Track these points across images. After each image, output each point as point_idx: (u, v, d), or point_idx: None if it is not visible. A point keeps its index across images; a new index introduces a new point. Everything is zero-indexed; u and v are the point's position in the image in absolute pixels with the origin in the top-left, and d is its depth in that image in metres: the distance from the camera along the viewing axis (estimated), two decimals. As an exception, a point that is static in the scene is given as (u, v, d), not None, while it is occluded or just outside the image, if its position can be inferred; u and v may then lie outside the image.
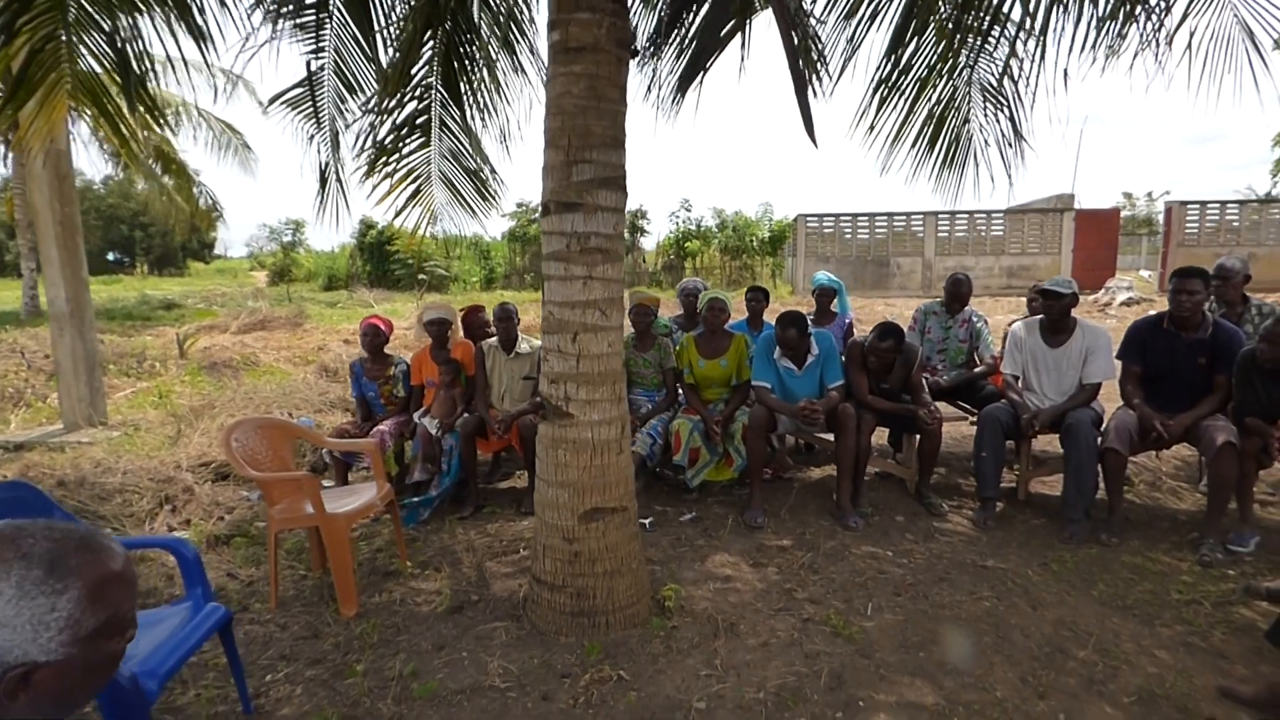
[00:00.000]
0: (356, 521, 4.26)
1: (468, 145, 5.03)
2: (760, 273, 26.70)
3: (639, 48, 3.32)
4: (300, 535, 4.17)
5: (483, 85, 4.81)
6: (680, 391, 5.15)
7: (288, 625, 3.35)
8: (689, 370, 4.96)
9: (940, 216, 22.21)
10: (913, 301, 5.26)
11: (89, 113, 4.99)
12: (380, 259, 28.81)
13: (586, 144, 2.93)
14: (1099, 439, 4.18)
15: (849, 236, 22.76)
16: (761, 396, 4.59)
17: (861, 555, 3.94)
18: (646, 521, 4.42)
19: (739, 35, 4.15)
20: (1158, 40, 3.64)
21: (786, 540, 4.16)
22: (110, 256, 45.94)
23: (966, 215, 22.21)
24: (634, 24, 3.32)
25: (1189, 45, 3.62)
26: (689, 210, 27.74)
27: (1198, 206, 21.41)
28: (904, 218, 22.53)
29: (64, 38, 3.56)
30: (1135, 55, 3.72)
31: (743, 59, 4.32)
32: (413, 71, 4.47)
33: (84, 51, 4.23)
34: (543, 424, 3.19)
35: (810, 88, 2.72)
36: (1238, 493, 4.01)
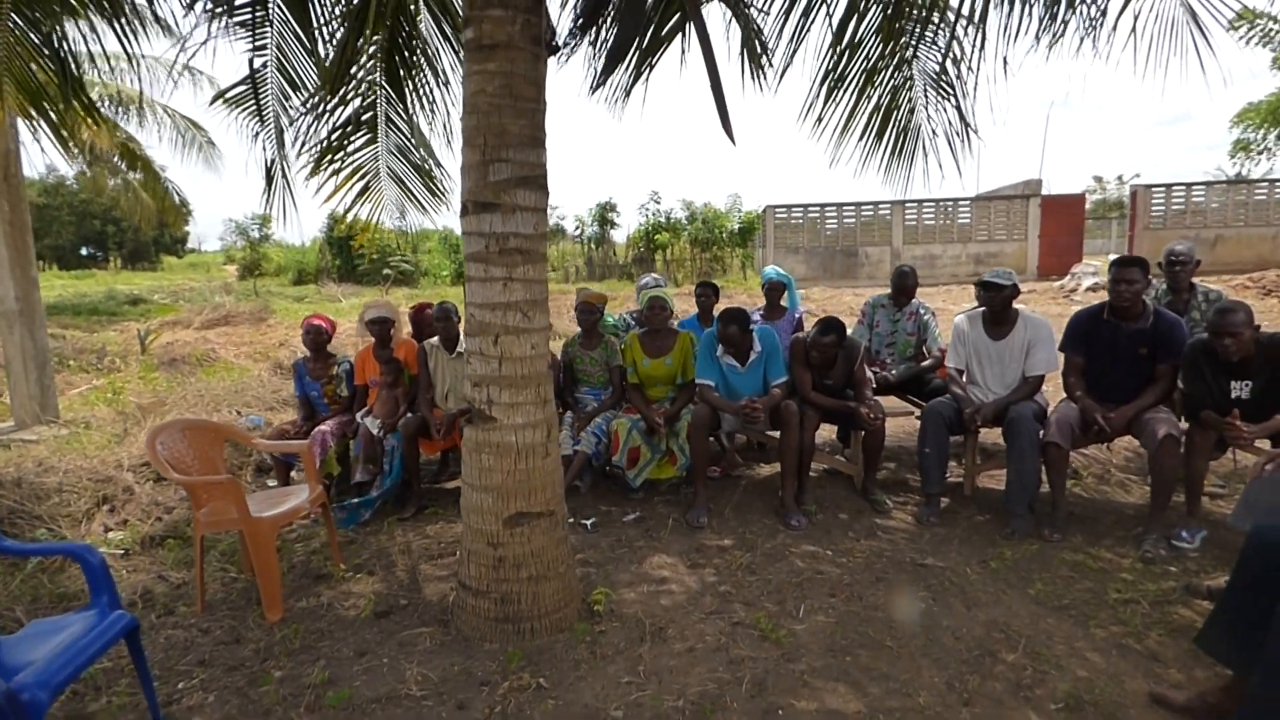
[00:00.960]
0: (286, 524, 4.19)
1: (414, 141, 4.95)
2: (730, 264, 26.53)
3: (558, 45, 3.23)
4: (234, 537, 4.09)
5: (425, 82, 4.73)
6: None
7: (210, 630, 3.29)
8: (633, 369, 4.91)
9: (908, 205, 22.16)
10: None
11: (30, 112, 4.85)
12: (349, 253, 28.52)
13: (503, 143, 2.86)
14: (1041, 432, 4.16)
15: (818, 227, 22.69)
16: (704, 395, 4.54)
17: (801, 555, 3.91)
18: (589, 522, 4.37)
19: (679, 33, 4.10)
20: (1099, 26, 3.61)
21: (728, 540, 4.12)
22: (84, 251, 45.38)
23: (934, 203, 22.18)
24: (554, 20, 3.23)
25: (1133, 30, 3.57)
26: (658, 203, 27.29)
27: (1163, 190, 21.37)
28: (871, 207, 22.44)
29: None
30: (1081, 41, 3.69)
31: (683, 51, 4.27)
32: (355, 69, 4.37)
33: (20, 53, 4.12)
34: (467, 427, 3.13)
35: (722, 85, 2.65)
36: (1186, 486, 3.96)
